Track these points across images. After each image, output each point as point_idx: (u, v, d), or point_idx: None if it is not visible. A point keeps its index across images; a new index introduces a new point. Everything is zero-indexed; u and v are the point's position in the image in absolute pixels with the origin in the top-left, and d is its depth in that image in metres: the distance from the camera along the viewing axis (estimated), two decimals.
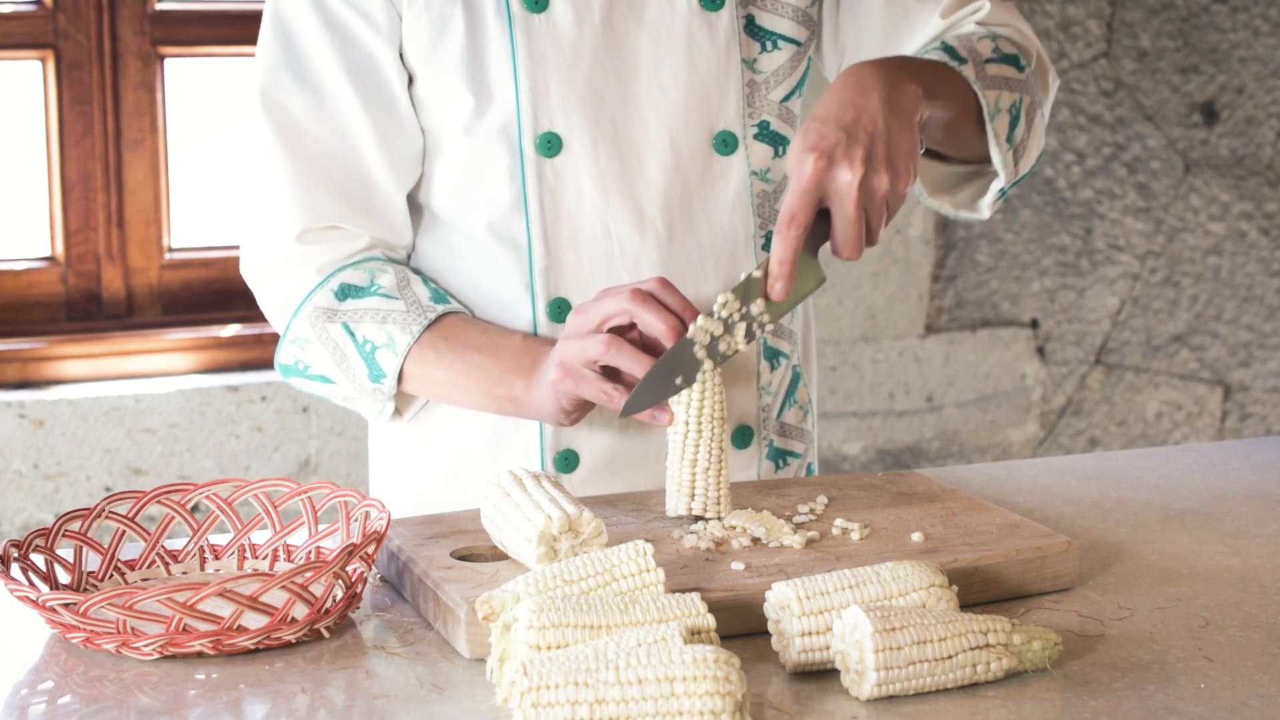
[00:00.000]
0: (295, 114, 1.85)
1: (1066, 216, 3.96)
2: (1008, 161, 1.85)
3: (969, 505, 1.76)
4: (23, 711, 1.39)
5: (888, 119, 1.67)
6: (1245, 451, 2.15)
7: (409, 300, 1.85)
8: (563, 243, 1.86)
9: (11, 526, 3.21)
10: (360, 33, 1.84)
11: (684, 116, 1.87)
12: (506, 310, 1.89)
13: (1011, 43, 1.91)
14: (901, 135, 1.67)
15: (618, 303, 1.69)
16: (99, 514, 1.66)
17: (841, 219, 1.66)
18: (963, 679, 1.40)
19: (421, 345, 1.84)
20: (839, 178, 1.64)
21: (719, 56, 1.87)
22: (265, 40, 1.87)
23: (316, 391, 1.93)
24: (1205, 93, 4.01)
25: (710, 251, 1.90)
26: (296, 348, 1.90)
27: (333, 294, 1.86)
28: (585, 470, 1.90)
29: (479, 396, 1.85)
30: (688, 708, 1.28)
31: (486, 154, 1.86)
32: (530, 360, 1.81)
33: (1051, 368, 4.00)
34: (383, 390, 1.86)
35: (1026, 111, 1.88)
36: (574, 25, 1.84)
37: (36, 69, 3.28)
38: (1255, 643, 1.52)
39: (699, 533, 1.66)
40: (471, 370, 1.83)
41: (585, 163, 1.85)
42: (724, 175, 1.90)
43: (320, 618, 1.52)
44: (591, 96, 1.85)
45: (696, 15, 1.86)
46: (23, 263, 3.32)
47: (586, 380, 1.71)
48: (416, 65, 1.85)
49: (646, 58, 1.86)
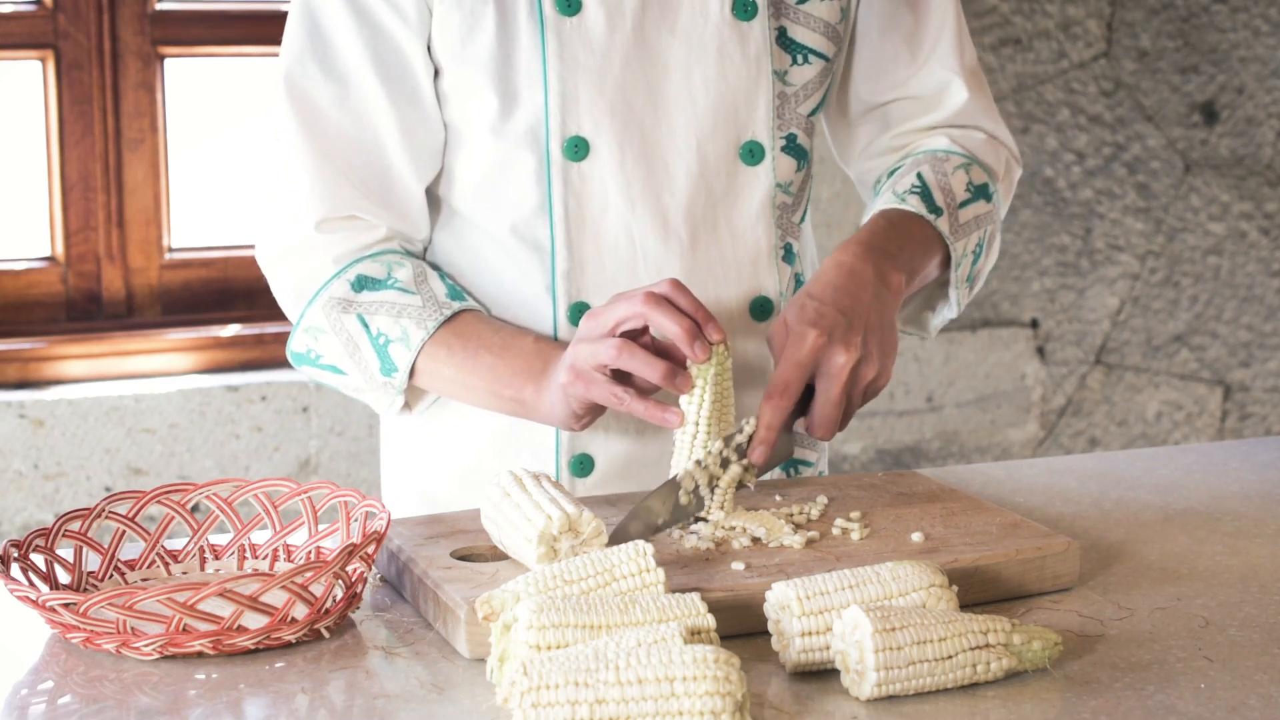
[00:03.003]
0: (319, 102, 1.85)
1: (1066, 216, 3.96)
2: (963, 298, 1.96)
3: (969, 505, 1.76)
4: (23, 711, 1.39)
5: (879, 314, 1.75)
6: (1245, 451, 2.15)
7: (425, 295, 1.85)
8: (586, 247, 1.86)
9: (11, 526, 3.21)
10: (389, 23, 1.84)
11: (712, 125, 1.87)
12: (527, 312, 1.89)
13: (983, 169, 1.96)
14: (888, 332, 1.76)
15: (631, 306, 1.69)
16: (99, 514, 1.66)
17: (825, 399, 1.72)
18: (963, 679, 1.40)
19: (435, 342, 1.84)
20: (834, 359, 1.70)
21: (750, 67, 1.87)
22: (293, 27, 1.87)
23: (327, 381, 1.93)
24: (1205, 93, 4.01)
25: (733, 261, 1.90)
26: (309, 336, 1.89)
27: (349, 285, 1.86)
28: (600, 474, 1.90)
29: (488, 397, 1.85)
30: (688, 708, 1.28)
31: (512, 155, 1.86)
32: (541, 364, 1.80)
33: (1051, 368, 4.00)
34: (394, 384, 1.86)
35: (989, 241, 1.97)
36: (606, 30, 1.83)
37: (36, 69, 3.28)
38: (1255, 643, 1.52)
39: (699, 533, 1.67)
40: (482, 370, 1.83)
41: (612, 168, 1.84)
42: (749, 186, 1.89)
43: (320, 618, 1.52)
44: (620, 102, 1.84)
45: (729, 25, 1.86)
46: (23, 263, 3.32)
47: (597, 384, 1.70)
48: (445, 60, 1.85)
49: (677, 65, 1.85)
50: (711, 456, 1.69)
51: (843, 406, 1.73)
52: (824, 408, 1.72)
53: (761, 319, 1.91)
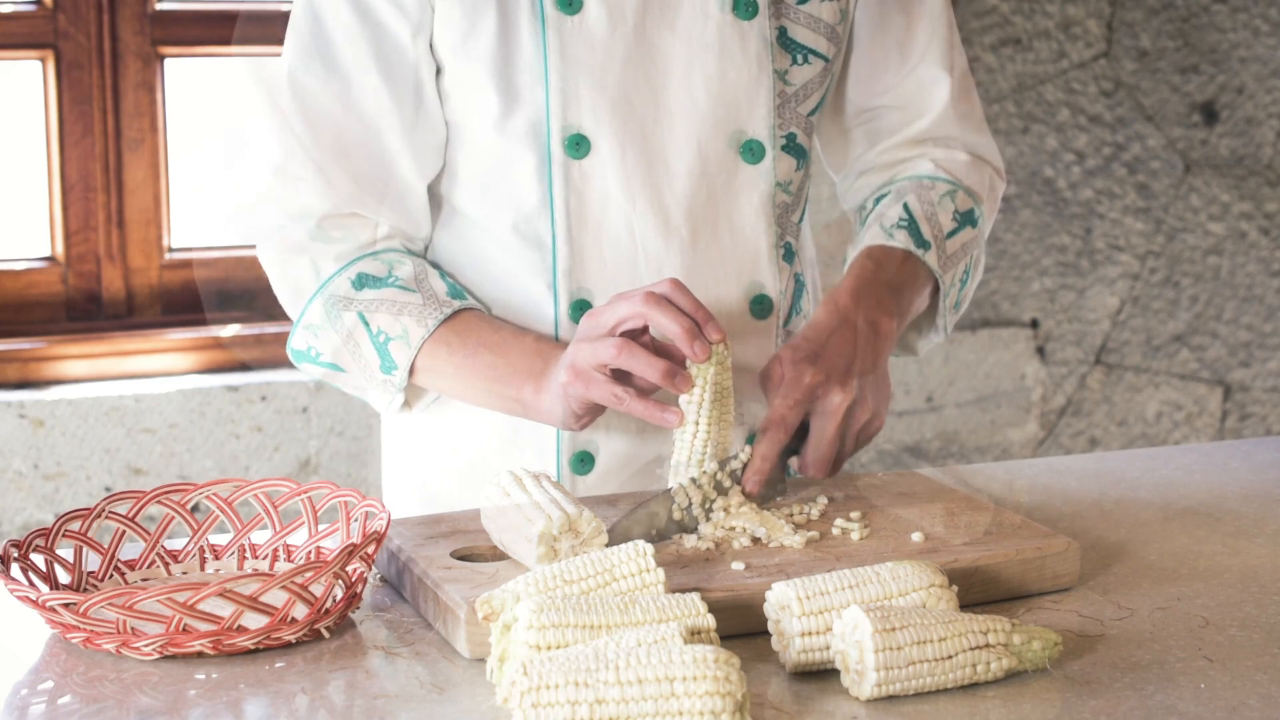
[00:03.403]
0: (321, 99, 1.85)
1: (1066, 216, 3.96)
2: (950, 324, 1.99)
3: (969, 505, 1.76)
4: (23, 711, 1.39)
5: (873, 361, 1.79)
6: (1245, 451, 2.15)
7: (426, 294, 1.85)
8: (587, 244, 1.86)
9: (11, 526, 3.21)
10: (392, 22, 1.84)
11: (712, 123, 1.87)
12: (528, 309, 1.89)
13: (968, 194, 1.98)
14: (882, 379, 1.81)
15: (631, 306, 1.69)
16: (99, 514, 1.66)
17: (820, 438, 1.75)
18: (963, 679, 1.40)
19: (435, 340, 1.84)
20: (831, 398, 1.74)
21: (750, 65, 1.87)
22: (296, 24, 1.88)
23: (328, 379, 1.93)
24: (1205, 93, 4.01)
25: (733, 259, 1.90)
26: (310, 334, 1.89)
27: (350, 283, 1.86)
28: (600, 471, 1.90)
29: (487, 395, 1.85)
30: (688, 708, 1.28)
31: (514, 153, 1.86)
32: (541, 363, 1.80)
33: (1051, 368, 4.00)
34: (393, 382, 1.86)
35: (974, 264, 2.00)
36: (607, 28, 1.83)
37: (36, 69, 3.28)
38: (1255, 643, 1.52)
39: (699, 533, 1.67)
40: (481, 369, 1.83)
41: (613, 165, 1.85)
42: (750, 184, 1.90)
43: (320, 618, 1.52)
44: (621, 100, 1.84)
45: (729, 24, 1.86)
46: (23, 263, 3.32)
47: (597, 383, 1.70)
48: (446, 58, 1.85)
49: (678, 64, 1.86)
50: (706, 477, 1.69)
51: (837, 446, 1.76)
52: (819, 445, 1.75)
53: (761, 317, 1.91)
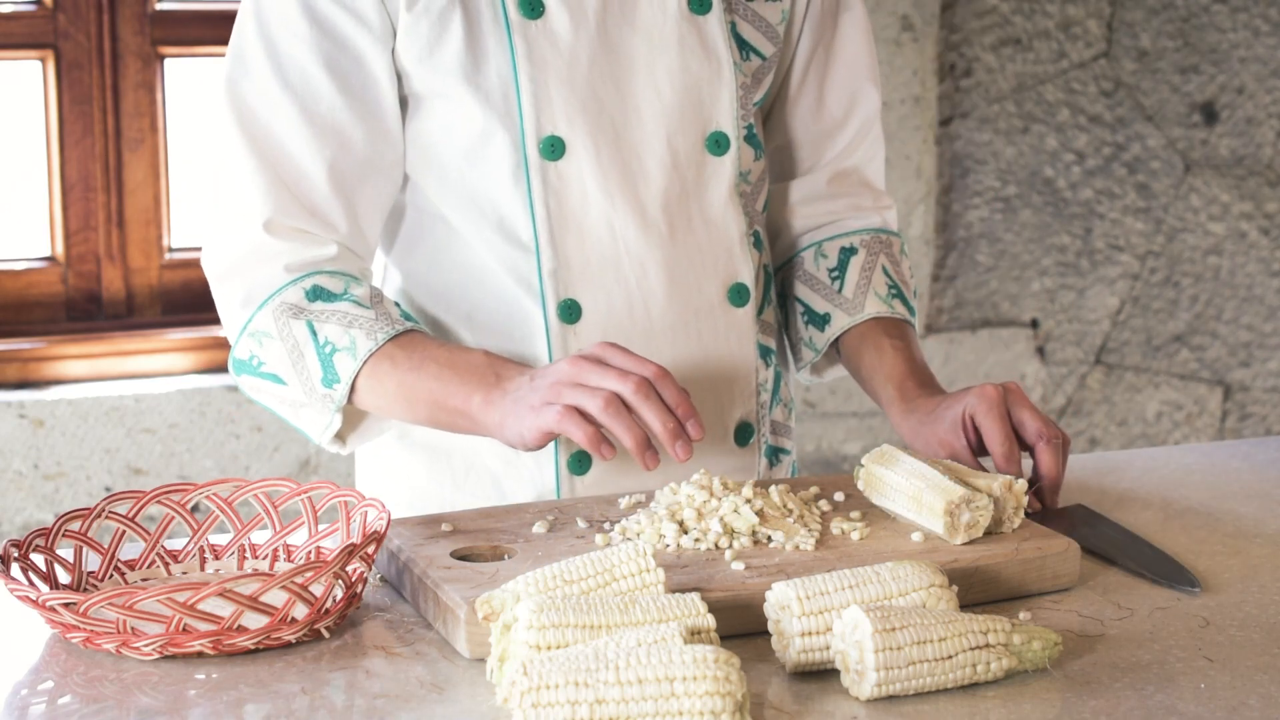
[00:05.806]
0: (268, 115, 1.83)
1: (1066, 216, 3.96)
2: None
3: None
4: (23, 711, 1.39)
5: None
6: (1245, 451, 2.14)
7: (379, 312, 1.82)
8: (570, 244, 1.86)
9: (11, 526, 3.21)
10: (351, 34, 1.82)
11: (679, 118, 1.89)
12: (516, 313, 1.89)
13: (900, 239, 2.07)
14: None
15: (623, 386, 1.66)
16: (99, 514, 1.66)
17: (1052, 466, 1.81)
18: (963, 679, 1.40)
19: (380, 355, 1.79)
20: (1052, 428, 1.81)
21: (710, 59, 1.90)
22: (246, 39, 1.84)
23: (264, 397, 1.87)
24: (1205, 93, 4.01)
25: (709, 249, 1.92)
26: (254, 341, 1.85)
27: (304, 293, 1.82)
28: (597, 472, 1.90)
29: (429, 409, 1.80)
30: (688, 708, 1.28)
31: (490, 159, 1.86)
32: (493, 376, 1.76)
33: (1051, 368, 4.00)
34: (333, 397, 1.81)
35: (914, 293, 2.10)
36: (570, 30, 1.84)
37: (36, 69, 3.28)
38: (1255, 643, 1.52)
39: (700, 532, 1.66)
40: (426, 381, 1.78)
41: (589, 165, 1.86)
42: (717, 175, 1.92)
43: (320, 618, 1.52)
44: (591, 99, 1.86)
45: (685, 18, 1.89)
46: (23, 263, 3.32)
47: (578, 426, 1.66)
48: (412, 66, 1.84)
49: (641, 61, 1.88)
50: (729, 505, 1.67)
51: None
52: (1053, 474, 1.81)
53: (739, 304, 1.93)
